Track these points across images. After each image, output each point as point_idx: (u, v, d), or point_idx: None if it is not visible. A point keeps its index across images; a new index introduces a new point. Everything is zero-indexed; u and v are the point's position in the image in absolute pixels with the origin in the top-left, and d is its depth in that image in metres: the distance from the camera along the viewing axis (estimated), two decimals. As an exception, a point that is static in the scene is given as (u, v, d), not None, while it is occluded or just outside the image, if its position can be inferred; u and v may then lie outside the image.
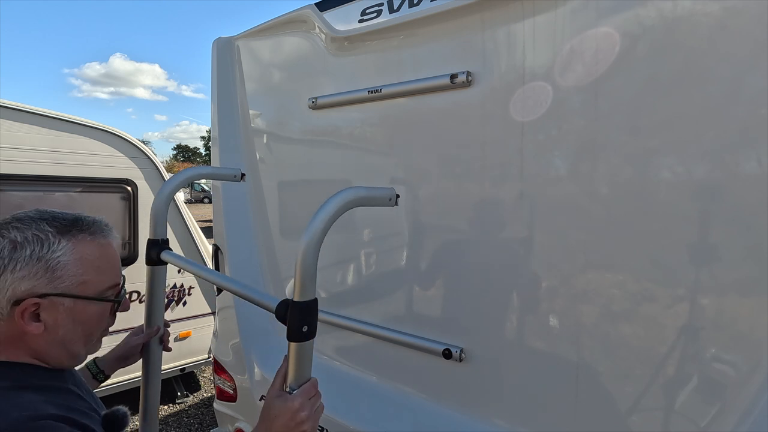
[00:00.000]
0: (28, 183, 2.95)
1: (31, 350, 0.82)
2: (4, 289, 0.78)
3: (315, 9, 1.81)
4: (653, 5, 1.11)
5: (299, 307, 0.84)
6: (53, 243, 0.81)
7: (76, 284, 0.83)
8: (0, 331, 0.79)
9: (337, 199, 0.87)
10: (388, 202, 0.99)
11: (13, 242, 0.79)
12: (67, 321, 0.83)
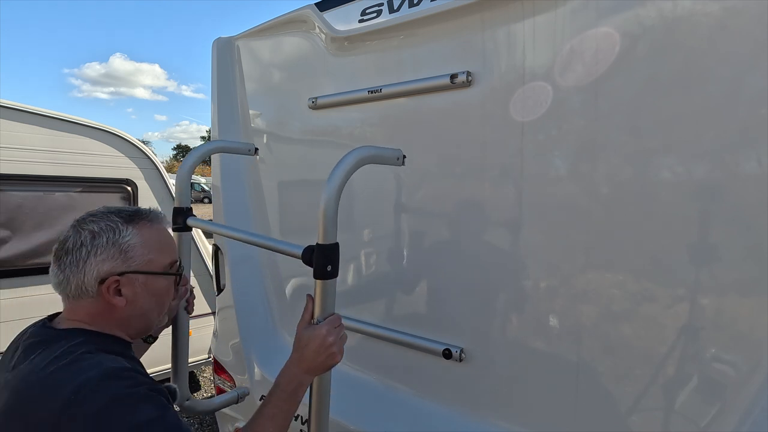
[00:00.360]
0: (28, 183, 2.95)
1: (117, 322, 0.99)
2: (90, 271, 0.94)
3: (315, 9, 1.81)
4: (653, 5, 1.11)
5: (323, 249, 1.00)
6: (123, 230, 0.97)
7: (145, 262, 0.99)
8: (91, 307, 0.96)
9: (351, 156, 1.00)
10: (396, 161, 1.15)
11: (92, 232, 0.95)
12: (144, 294, 0.99)
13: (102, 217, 0.98)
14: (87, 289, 0.95)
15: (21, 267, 2.94)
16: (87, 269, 0.94)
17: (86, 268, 0.94)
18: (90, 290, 0.95)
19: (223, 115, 2.21)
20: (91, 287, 0.95)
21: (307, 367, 1.01)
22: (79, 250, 0.94)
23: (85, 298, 0.96)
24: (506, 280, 1.41)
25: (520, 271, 1.38)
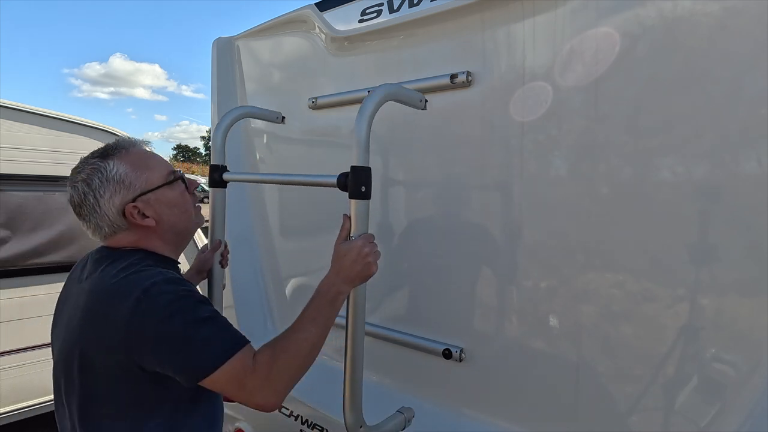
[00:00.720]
0: (28, 183, 2.95)
1: (160, 241, 1.12)
2: (109, 210, 1.05)
3: (315, 9, 1.81)
4: (653, 5, 1.11)
5: (357, 171, 1.11)
6: (106, 166, 1.05)
7: (144, 182, 1.08)
8: (131, 236, 1.09)
9: (380, 90, 1.14)
10: (419, 103, 1.29)
11: (84, 181, 1.05)
12: (164, 208, 1.10)
13: (83, 166, 1.07)
14: (118, 225, 1.07)
15: (21, 267, 2.94)
16: (104, 209, 1.05)
17: (103, 209, 1.05)
18: (121, 224, 1.07)
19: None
20: (119, 221, 1.06)
21: (345, 276, 1.08)
22: (86, 199, 1.04)
23: (121, 232, 1.08)
24: (506, 280, 1.41)
25: (520, 271, 1.38)
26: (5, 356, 2.90)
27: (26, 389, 2.99)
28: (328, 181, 1.18)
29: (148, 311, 0.93)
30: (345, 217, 1.14)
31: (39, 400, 3.05)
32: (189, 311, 0.96)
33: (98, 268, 1.05)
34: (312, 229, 2.02)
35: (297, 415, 1.83)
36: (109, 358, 0.96)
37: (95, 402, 1.00)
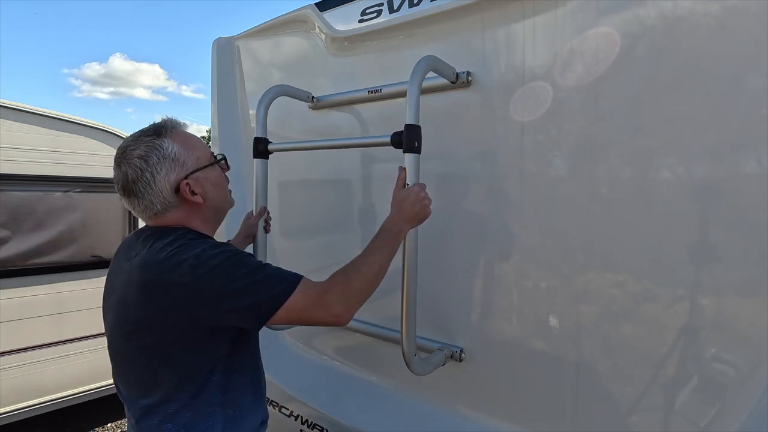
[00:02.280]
0: (28, 183, 2.95)
1: (203, 220, 1.19)
2: (165, 187, 1.10)
3: (315, 9, 1.81)
4: (653, 5, 1.11)
5: (410, 128, 1.22)
6: (162, 143, 1.11)
7: (194, 160, 1.15)
8: (179, 214, 1.15)
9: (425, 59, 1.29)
10: (452, 75, 1.40)
11: (140, 158, 1.09)
12: (210, 187, 1.18)
13: (137, 143, 1.11)
14: (170, 201, 1.12)
15: (21, 267, 2.94)
16: (160, 186, 1.10)
17: (158, 185, 1.10)
18: (172, 201, 1.13)
19: (223, 115, 2.21)
20: (171, 198, 1.12)
21: (406, 216, 1.20)
22: (143, 176, 1.09)
23: (171, 210, 1.14)
24: (506, 279, 1.41)
25: (520, 271, 1.38)
26: (5, 356, 2.90)
27: (26, 389, 3.00)
28: (381, 141, 1.31)
29: (209, 269, 1.01)
30: (401, 168, 1.26)
31: (39, 400, 3.05)
32: (243, 263, 1.05)
33: (147, 244, 1.10)
34: (313, 228, 2.02)
35: (297, 415, 1.83)
36: (170, 322, 1.03)
37: (157, 368, 1.07)
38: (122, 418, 3.67)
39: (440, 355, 1.49)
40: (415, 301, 1.33)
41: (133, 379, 1.12)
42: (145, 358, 1.08)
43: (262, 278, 1.04)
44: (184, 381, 1.08)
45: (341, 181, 1.85)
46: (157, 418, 1.08)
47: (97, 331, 3.27)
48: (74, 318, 3.15)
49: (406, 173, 1.25)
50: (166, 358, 1.07)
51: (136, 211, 1.15)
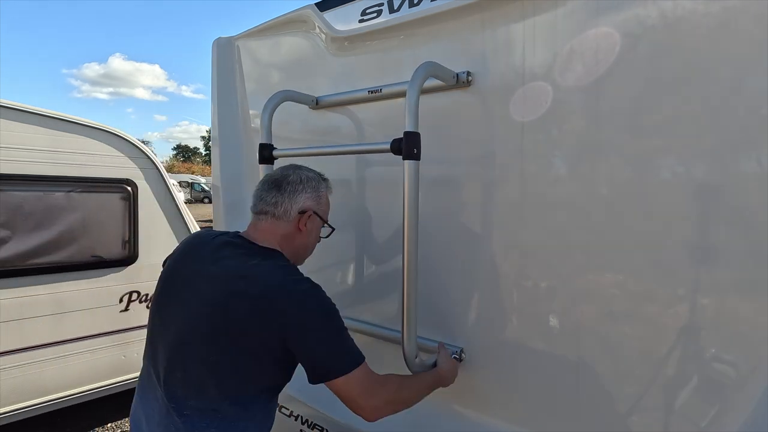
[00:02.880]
0: (28, 183, 2.95)
1: (293, 249, 1.33)
2: (299, 202, 1.30)
3: (315, 9, 1.81)
4: (653, 5, 1.11)
5: (409, 135, 1.27)
6: (321, 184, 1.38)
7: (323, 211, 1.38)
8: (285, 229, 1.30)
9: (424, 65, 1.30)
10: (452, 79, 1.42)
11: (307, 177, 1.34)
12: (313, 232, 1.36)
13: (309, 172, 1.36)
14: (290, 214, 1.29)
15: (21, 267, 2.94)
16: (298, 199, 1.30)
17: (298, 198, 1.30)
18: (291, 215, 1.29)
19: (223, 115, 2.21)
20: (293, 213, 1.29)
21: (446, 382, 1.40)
22: (299, 184, 1.31)
23: (283, 220, 1.29)
24: (506, 280, 1.41)
25: (520, 271, 1.38)
26: (5, 356, 2.90)
27: (26, 389, 2.99)
28: (381, 147, 1.35)
29: (310, 307, 1.14)
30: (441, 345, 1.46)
31: (39, 400, 3.05)
32: (337, 318, 1.18)
33: (251, 259, 1.21)
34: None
35: (297, 415, 1.83)
36: (263, 339, 1.13)
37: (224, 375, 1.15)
38: (122, 418, 3.67)
39: None
40: (416, 302, 1.34)
41: (193, 379, 1.17)
42: (215, 363, 1.15)
43: (344, 343, 1.17)
44: (242, 395, 1.17)
45: (341, 182, 1.85)
46: (204, 422, 1.16)
47: (97, 331, 3.27)
48: (74, 318, 3.14)
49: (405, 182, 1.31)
50: (238, 370, 1.15)
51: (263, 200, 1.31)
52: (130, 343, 3.43)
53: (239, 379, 1.16)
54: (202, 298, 1.18)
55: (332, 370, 1.13)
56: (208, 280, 1.19)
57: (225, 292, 1.15)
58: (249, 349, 1.13)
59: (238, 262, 1.20)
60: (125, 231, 3.37)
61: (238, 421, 1.17)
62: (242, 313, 1.12)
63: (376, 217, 1.76)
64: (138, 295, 3.43)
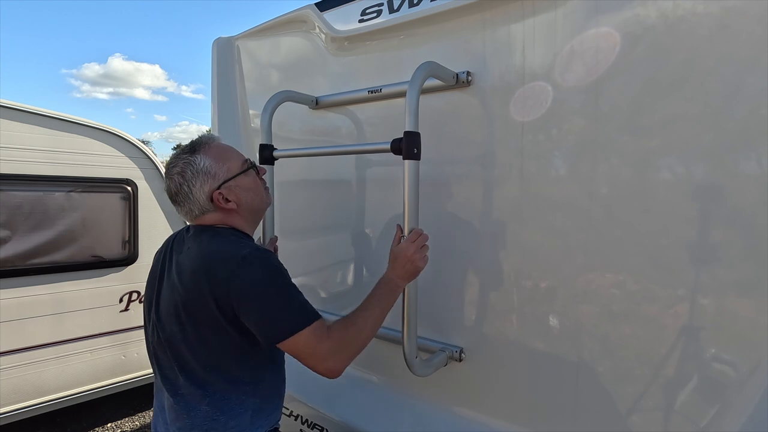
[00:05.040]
0: (28, 183, 2.95)
1: (241, 221, 1.30)
2: (199, 197, 1.24)
3: (315, 9, 1.81)
4: (653, 5, 1.11)
5: (409, 135, 1.27)
6: (195, 160, 1.24)
7: (225, 171, 1.26)
8: (218, 216, 1.27)
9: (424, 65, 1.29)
10: (452, 79, 1.41)
11: (179, 174, 1.23)
12: (242, 193, 1.28)
13: (176, 161, 1.26)
14: (206, 208, 1.25)
15: (21, 267, 2.94)
16: (196, 196, 1.23)
17: (195, 196, 1.23)
18: (209, 207, 1.25)
19: (223, 115, 2.22)
20: (207, 205, 1.25)
21: (399, 274, 1.28)
22: (181, 188, 1.23)
23: (209, 213, 1.27)
24: (506, 279, 1.41)
25: (520, 271, 1.38)
26: (5, 356, 2.90)
27: (26, 389, 3.00)
28: (382, 147, 1.34)
29: (248, 273, 1.12)
30: (397, 226, 1.34)
31: (39, 400, 3.05)
32: (279, 279, 1.16)
33: (198, 238, 1.24)
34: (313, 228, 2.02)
35: (297, 415, 1.83)
36: (212, 309, 1.13)
37: (197, 350, 1.17)
38: (122, 418, 3.67)
39: (442, 357, 1.49)
40: (416, 302, 1.34)
41: (176, 360, 1.21)
42: (188, 341, 1.18)
43: (287, 303, 1.14)
44: (223, 368, 1.18)
45: (341, 182, 1.85)
46: (195, 400, 1.19)
47: (97, 331, 3.27)
48: (74, 318, 3.14)
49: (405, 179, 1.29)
50: (204, 343, 1.17)
51: (182, 214, 1.29)
52: (130, 343, 3.43)
53: (212, 351, 1.17)
54: (169, 283, 1.24)
55: (274, 332, 1.12)
56: (174, 266, 1.25)
57: (182, 272, 1.20)
58: (209, 321, 1.14)
59: (193, 244, 1.24)
60: (125, 231, 3.37)
61: (229, 395, 1.19)
62: (193, 288, 1.15)
63: (377, 217, 1.76)
64: (138, 295, 3.44)
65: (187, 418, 1.20)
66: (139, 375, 3.50)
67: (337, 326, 1.17)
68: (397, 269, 1.28)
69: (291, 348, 1.13)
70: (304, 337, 1.12)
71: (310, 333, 1.12)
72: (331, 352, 1.14)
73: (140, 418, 3.70)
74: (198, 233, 1.26)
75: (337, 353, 1.15)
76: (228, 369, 1.19)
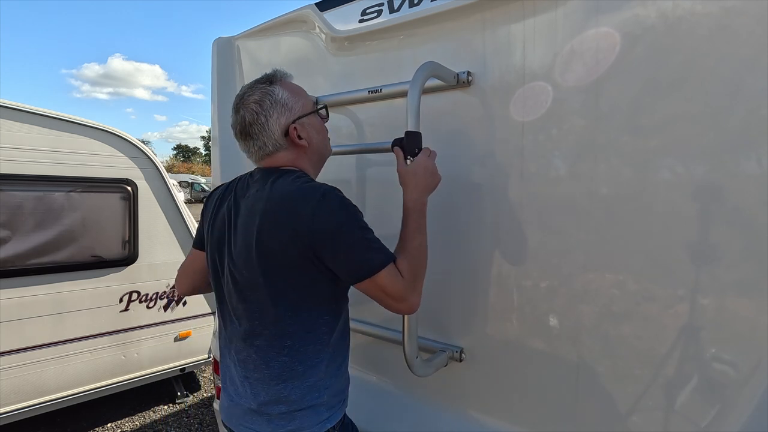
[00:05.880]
0: (28, 183, 2.95)
1: (308, 163, 1.29)
2: (275, 129, 1.22)
3: (315, 9, 1.81)
4: (653, 5, 1.11)
5: (410, 135, 1.29)
6: (273, 90, 1.23)
7: (300, 107, 1.26)
8: (288, 156, 1.26)
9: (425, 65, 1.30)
10: (453, 79, 1.41)
11: (256, 102, 1.22)
12: (313, 132, 1.28)
13: (252, 90, 1.24)
14: (280, 143, 1.23)
15: (21, 267, 2.94)
16: (272, 128, 1.21)
17: (271, 128, 1.21)
18: (282, 143, 1.23)
19: (223, 115, 2.21)
20: (281, 140, 1.23)
21: (422, 189, 1.26)
22: (258, 119, 1.21)
23: (281, 151, 1.24)
24: (506, 279, 1.41)
25: (520, 271, 1.38)
26: (5, 356, 2.90)
27: (26, 389, 3.00)
28: (383, 147, 1.38)
29: (329, 211, 1.11)
30: (396, 149, 1.33)
31: (39, 400, 3.05)
32: (359, 217, 1.16)
33: (268, 180, 1.20)
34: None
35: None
36: (292, 250, 1.11)
37: (277, 296, 1.15)
38: (122, 418, 3.67)
39: (442, 357, 1.49)
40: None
41: (252, 309, 1.19)
42: (268, 285, 1.15)
43: (369, 241, 1.14)
44: (297, 313, 1.17)
45: (341, 182, 1.85)
46: (273, 350, 1.18)
47: (97, 331, 3.27)
48: (74, 318, 3.14)
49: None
50: (284, 288, 1.15)
51: (250, 152, 1.26)
52: (130, 343, 3.43)
53: (291, 296, 1.16)
54: (242, 229, 1.19)
55: (358, 272, 1.12)
56: (243, 211, 1.21)
57: (255, 216, 1.15)
58: (289, 264, 1.13)
59: (259, 187, 1.20)
60: (125, 231, 3.37)
61: (306, 344, 1.18)
62: (271, 230, 1.13)
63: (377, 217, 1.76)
64: (138, 295, 3.44)
65: (265, 369, 1.18)
66: (139, 375, 3.50)
67: (402, 264, 1.17)
68: (419, 185, 1.26)
69: (372, 287, 1.13)
70: (386, 275, 1.12)
71: (392, 270, 1.13)
72: (408, 289, 1.15)
73: (140, 418, 3.71)
74: (267, 175, 1.22)
75: (413, 288, 1.17)
76: (306, 316, 1.18)
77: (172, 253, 3.60)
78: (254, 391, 1.20)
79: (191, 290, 1.48)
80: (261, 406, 1.19)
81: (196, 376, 4.42)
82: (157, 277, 3.52)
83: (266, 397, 1.18)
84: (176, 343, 3.67)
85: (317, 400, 1.20)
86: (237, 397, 1.24)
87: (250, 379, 1.21)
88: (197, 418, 3.75)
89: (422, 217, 1.26)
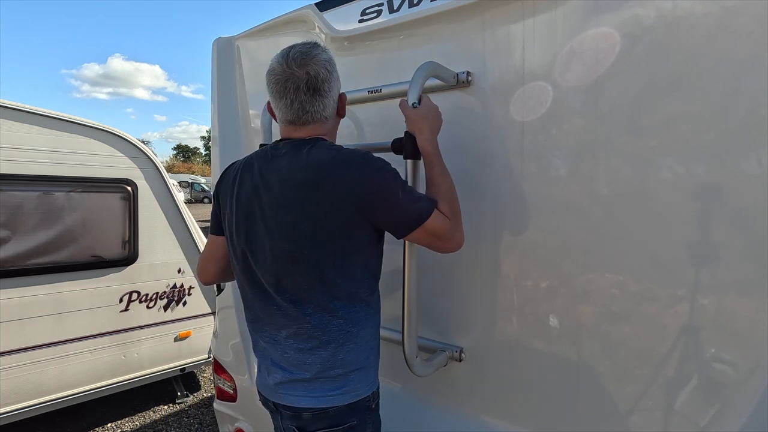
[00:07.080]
0: (28, 183, 2.95)
1: (333, 138, 1.33)
2: (334, 96, 1.24)
3: (315, 9, 1.81)
4: (653, 5, 1.11)
5: (410, 135, 1.28)
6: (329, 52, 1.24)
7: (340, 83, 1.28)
8: (330, 124, 1.28)
9: (424, 66, 1.31)
10: (452, 79, 1.41)
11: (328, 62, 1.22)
12: (341, 109, 1.31)
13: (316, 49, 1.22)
14: (330, 111, 1.24)
15: (21, 267, 2.94)
16: (334, 92, 1.24)
17: (334, 91, 1.23)
18: (332, 111, 1.25)
19: (223, 115, 2.21)
20: (332, 108, 1.25)
21: (432, 130, 1.28)
22: (330, 77, 1.20)
23: (330, 119, 1.26)
24: (506, 279, 1.41)
25: (520, 271, 1.38)
26: (5, 356, 2.90)
27: (26, 389, 3.00)
28: (383, 147, 1.39)
29: (373, 171, 1.14)
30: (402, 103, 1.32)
31: (39, 400, 3.05)
32: (398, 173, 1.19)
33: (301, 151, 1.18)
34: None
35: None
36: (341, 214, 1.14)
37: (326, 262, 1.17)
38: (122, 418, 3.67)
39: (442, 357, 1.49)
40: (417, 302, 1.34)
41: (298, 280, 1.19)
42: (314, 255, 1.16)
43: (412, 192, 1.20)
44: (347, 276, 1.20)
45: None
46: (327, 316, 1.20)
47: (97, 331, 3.27)
48: (74, 318, 3.15)
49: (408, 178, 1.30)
50: (332, 253, 1.17)
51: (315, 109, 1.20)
52: (130, 343, 3.43)
53: (339, 262, 1.18)
54: (276, 204, 1.18)
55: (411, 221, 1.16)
56: (276, 184, 1.19)
57: (293, 188, 1.16)
58: (338, 231, 1.15)
59: (291, 158, 1.19)
60: (125, 231, 3.37)
61: (355, 306, 1.22)
62: (316, 199, 1.14)
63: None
64: (138, 295, 3.44)
65: (322, 335, 1.20)
66: (139, 375, 3.50)
67: (443, 206, 1.22)
68: (433, 128, 1.29)
69: (423, 233, 1.18)
70: (434, 220, 1.17)
71: (437, 214, 1.19)
72: (454, 228, 1.22)
73: (140, 418, 3.71)
74: (298, 146, 1.20)
75: (457, 226, 1.23)
76: (353, 279, 1.21)
77: (172, 253, 3.60)
78: (311, 359, 1.21)
79: (219, 276, 1.45)
80: (319, 371, 1.21)
81: (196, 376, 4.42)
82: (157, 277, 3.53)
83: (323, 364, 1.21)
84: (176, 343, 3.67)
85: (366, 361, 1.27)
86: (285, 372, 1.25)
87: (303, 350, 1.22)
88: (197, 418, 3.74)
89: (440, 159, 1.29)
